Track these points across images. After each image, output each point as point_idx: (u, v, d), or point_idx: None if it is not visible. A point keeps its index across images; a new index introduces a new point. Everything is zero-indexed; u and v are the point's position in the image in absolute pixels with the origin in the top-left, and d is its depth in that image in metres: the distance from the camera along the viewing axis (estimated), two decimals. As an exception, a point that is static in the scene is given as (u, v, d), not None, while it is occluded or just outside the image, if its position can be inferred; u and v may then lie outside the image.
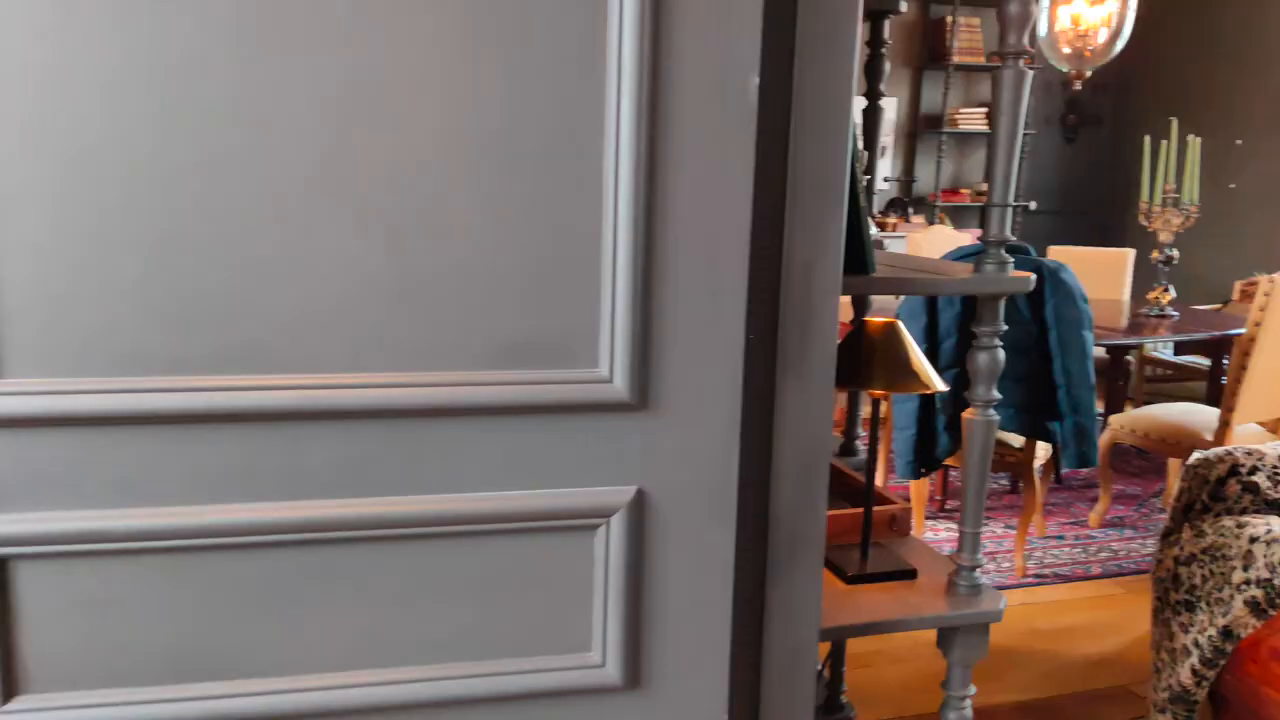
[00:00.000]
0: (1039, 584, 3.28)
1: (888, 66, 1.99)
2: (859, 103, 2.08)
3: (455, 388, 0.98)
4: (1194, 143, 4.27)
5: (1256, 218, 6.11)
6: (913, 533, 1.65)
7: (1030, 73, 1.29)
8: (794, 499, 1.11)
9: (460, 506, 0.99)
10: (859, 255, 1.23)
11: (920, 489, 3.37)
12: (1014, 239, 1.35)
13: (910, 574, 1.45)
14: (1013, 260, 1.33)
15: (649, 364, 1.01)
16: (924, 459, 3.16)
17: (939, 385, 1.37)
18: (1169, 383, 5.32)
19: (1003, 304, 1.33)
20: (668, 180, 0.99)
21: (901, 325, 1.39)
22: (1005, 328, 1.34)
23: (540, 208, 0.97)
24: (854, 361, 1.37)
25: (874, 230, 1.50)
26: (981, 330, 1.33)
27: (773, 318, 1.09)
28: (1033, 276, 1.32)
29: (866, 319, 1.40)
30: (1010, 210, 1.33)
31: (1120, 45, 4.37)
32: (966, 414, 1.36)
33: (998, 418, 1.37)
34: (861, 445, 2.03)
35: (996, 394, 1.36)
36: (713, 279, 1.02)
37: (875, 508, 1.56)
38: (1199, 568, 2.10)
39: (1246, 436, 3.46)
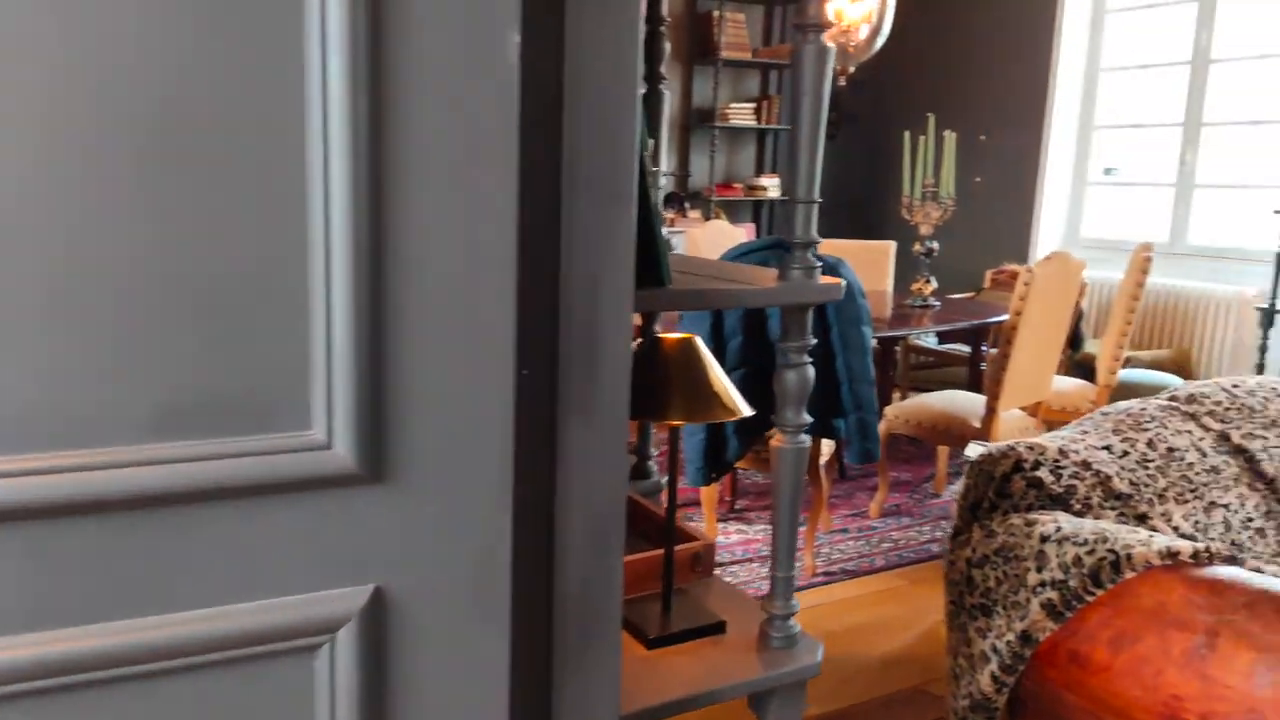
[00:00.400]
0: (828, 582, 3.25)
1: (667, 46, 1.79)
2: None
3: (99, 472, 0.67)
4: (950, 138, 4.42)
5: (1000, 209, 6.53)
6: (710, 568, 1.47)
7: (833, 48, 1.12)
8: (586, 574, 0.88)
9: (109, 642, 0.69)
10: (653, 264, 1.01)
11: (710, 493, 3.26)
12: (820, 238, 1.18)
13: (718, 627, 1.26)
14: (820, 264, 1.15)
15: (384, 420, 0.74)
16: (714, 463, 3.04)
17: (744, 410, 1.19)
18: (932, 369, 5.57)
19: (811, 314, 1.16)
20: (402, 171, 0.72)
21: (700, 342, 1.19)
22: (814, 340, 1.17)
23: (218, 212, 0.68)
24: (647, 387, 1.16)
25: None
26: (789, 345, 1.15)
27: (551, 346, 0.86)
28: (843, 283, 1.15)
29: (660, 335, 1.19)
30: (816, 207, 1.15)
31: (881, 42, 4.46)
32: (774, 441, 1.18)
33: (808, 442, 1.20)
34: (656, 466, 1.84)
35: (807, 416, 1.18)
36: (469, 300, 0.77)
37: (677, 547, 1.36)
38: (992, 570, 2.07)
39: (1010, 421, 3.60)
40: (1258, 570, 1.84)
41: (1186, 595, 1.73)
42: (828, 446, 3.25)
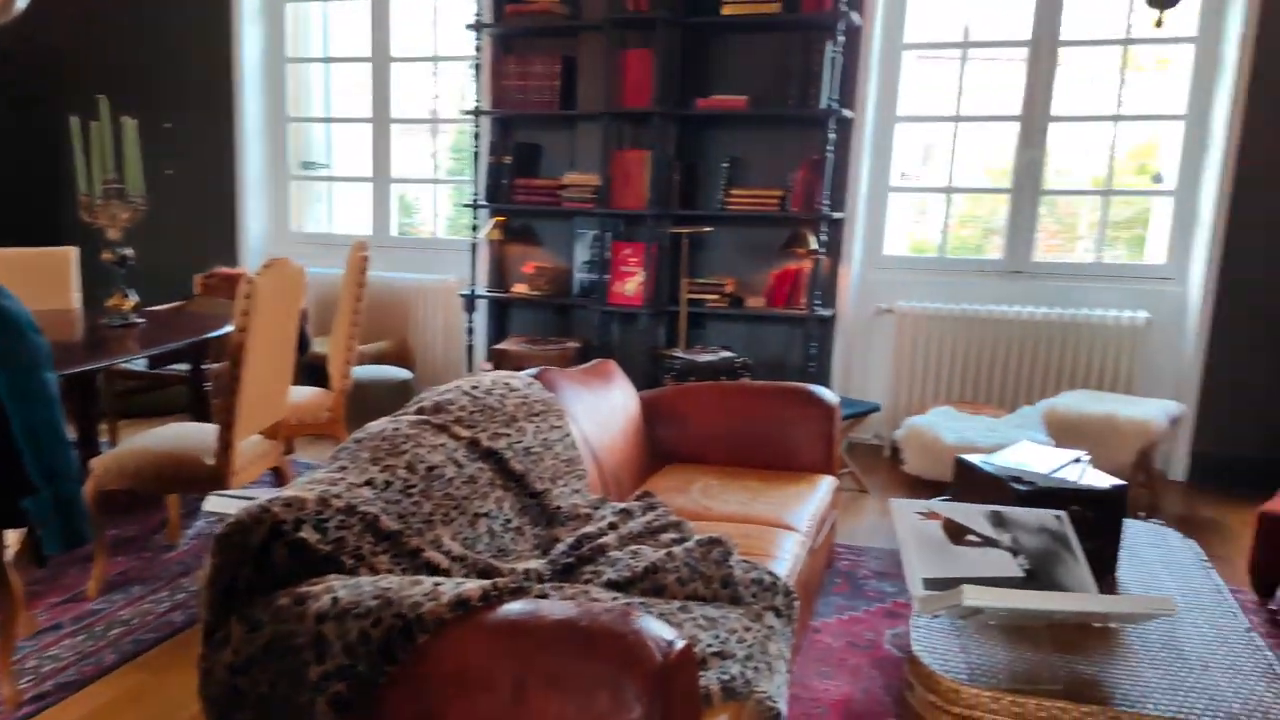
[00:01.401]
0: (42, 708, 2.45)
1: None
2: None
3: None
4: (130, 125, 3.74)
5: (201, 206, 5.94)
6: None
7: None
8: None
9: None
10: None
11: None
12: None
13: None
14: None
15: None
16: None
17: None
18: (146, 394, 4.81)
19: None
20: None
21: None
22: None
23: None
24: None
25: None
26: None
27: None
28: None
29: None
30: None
31: (23, 3, 3.54)
32: None
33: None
34: None
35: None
36: None
37: None
38: (263, 674, 1.64)
39: (250, 450, 3.16)
40: (540, 591, 1.71)
41: (487, 648, 1.55)
42: (14, 535, 2.43)
